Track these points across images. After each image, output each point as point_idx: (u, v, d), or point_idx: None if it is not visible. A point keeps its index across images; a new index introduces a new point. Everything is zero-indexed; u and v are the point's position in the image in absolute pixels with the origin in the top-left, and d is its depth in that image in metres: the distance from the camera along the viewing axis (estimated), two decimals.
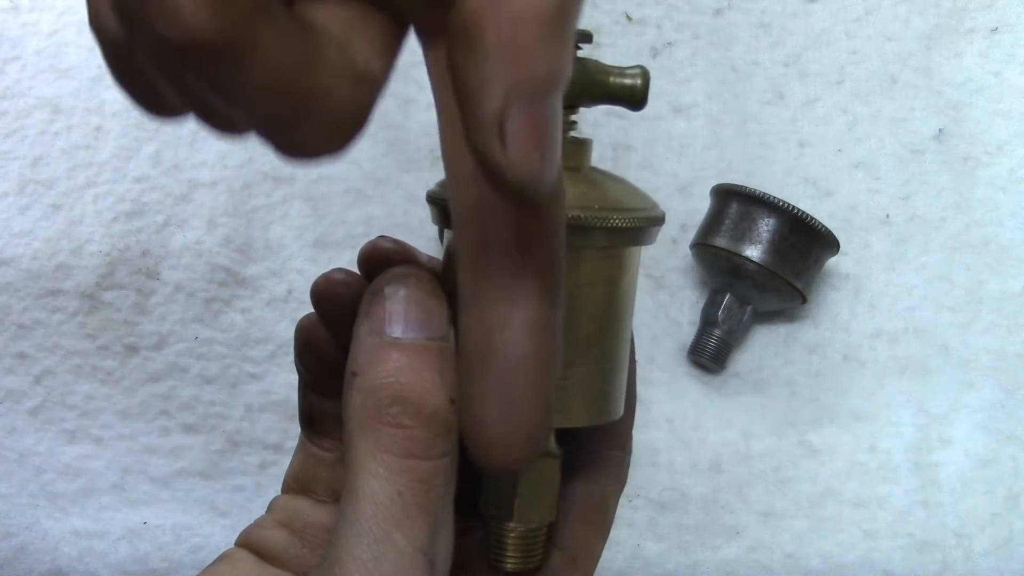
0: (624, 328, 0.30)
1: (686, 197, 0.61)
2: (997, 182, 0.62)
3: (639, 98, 0.29)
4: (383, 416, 0.26)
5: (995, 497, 0.57)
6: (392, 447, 0.26)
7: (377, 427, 0.26)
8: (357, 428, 0.26)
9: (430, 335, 0.27)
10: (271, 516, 0.35)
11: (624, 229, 0.28)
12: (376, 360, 0.26)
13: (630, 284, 0.30)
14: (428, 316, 0.27)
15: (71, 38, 0.63)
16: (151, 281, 0.59)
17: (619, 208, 0.28)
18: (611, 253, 0.29)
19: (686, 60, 0.64)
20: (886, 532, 0.56)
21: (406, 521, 0.25)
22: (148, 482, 0.57)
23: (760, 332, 0.60)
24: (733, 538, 0.57)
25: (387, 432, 0.26)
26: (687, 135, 0.62)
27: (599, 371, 0.29)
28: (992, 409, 0.58)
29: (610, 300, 0.29)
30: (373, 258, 0.31)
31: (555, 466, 0.30)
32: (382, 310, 0.27)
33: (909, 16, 0.65)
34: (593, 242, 0.28)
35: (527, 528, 0.30)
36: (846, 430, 0.58)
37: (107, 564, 0.55)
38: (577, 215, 0.27)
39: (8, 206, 0.59)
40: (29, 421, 0.57)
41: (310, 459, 0.35)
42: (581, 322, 0.29)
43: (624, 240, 0.29)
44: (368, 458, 0.26)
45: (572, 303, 0.28)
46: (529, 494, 0.29)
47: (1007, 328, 0.60)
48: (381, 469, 0.26)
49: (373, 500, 0.25)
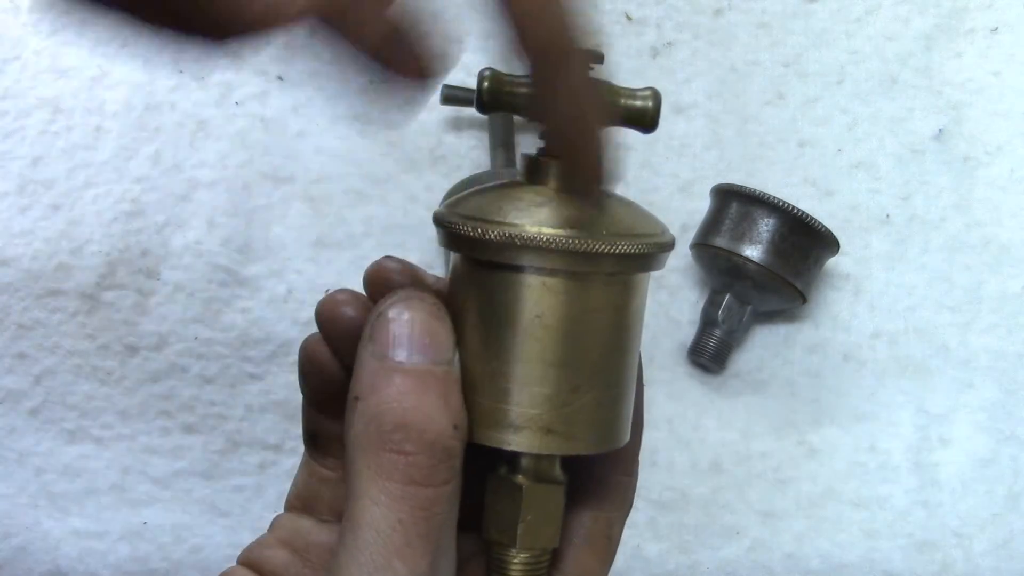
0: (632, 354, 0.30)
1: (686, 197, 0.61)
2: (997, 182, 0.62)
3: (650, 120, 0.29)
4: (385, 442, 0.26)
5: (995, 497, 0.57)
6: (394, 474, 0.26)
7: (379, 453, 0.26)
8: (359, 453, 0.26)
9: (435, 359, 0.27)
10: (273, 535, 0.34)
11: (633, 256, 0.28)
12: (379, 384, 0.26)
13: (638, 309, 0.30)
14: (432, 340, 0.27)
15: (71, 38, 0.63)
16: (151, 281, 0.59)
17: (628, 234, 0.28)
18: (619, 279, 0.29)
19: (686, 60, 0.64)
20: (886, 532, 0.56)
21: (407, 550, 0.25)
22: (148, 482, 0.57)
23: (760, 332, 0.60)
24: (733, 538, 0.57)
25: (389, 458, 0.26)
26: (687, 135, 0.62)
27: (606, 397, 0.29)
28: (992, 409, 0.58)
29: (618, 326, 0.29)
30: (378, 279, 0.31)
31: (559, 492, 0.30)
32: (386, 333, 0.27)
33: (909, 16, 0.65)
34: (602, 268, 0.28)
35: (530, 555, 0.30)
36: (846, 430, 0.58)
37: (107, 564, 0.55)
38: (585, 241, 0.27)
39: (8, 206, 0.59)
40: (29, 421, 0.57)
41: (313, 478, 0.35)
42: (588, 348, 0.28)
43: (633, 266, 0.29)
44: (369, 484, 0.26)
45: (579, 329, 0.28)
46: (533, 521, 0.29)
47: (1007, 328, 0.60)
48: (383, 496, 0.25)
49: (374, 528, 0.25)
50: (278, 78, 0.63)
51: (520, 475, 0.29)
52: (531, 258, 0.27)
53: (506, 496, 0.29)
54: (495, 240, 0.27)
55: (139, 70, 0.62)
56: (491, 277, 0.28)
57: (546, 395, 0.28)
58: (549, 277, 0.27)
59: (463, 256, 0.29)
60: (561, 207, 0.28)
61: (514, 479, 0.29)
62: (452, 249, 0.30)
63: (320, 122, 0.62)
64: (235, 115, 0.62)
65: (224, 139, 0.61)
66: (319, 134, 0.62)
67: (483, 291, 0.28)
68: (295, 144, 0.62)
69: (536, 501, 0.29)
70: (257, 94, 0.63)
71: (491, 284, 0.28)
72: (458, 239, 0.28)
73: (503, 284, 0.28)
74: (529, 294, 0.28)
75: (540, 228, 0.27)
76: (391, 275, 0.31)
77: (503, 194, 0.29)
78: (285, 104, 0.62)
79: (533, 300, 0.28)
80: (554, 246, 0.27)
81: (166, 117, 0.62)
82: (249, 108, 0.62)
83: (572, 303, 0.28)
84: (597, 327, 0.28)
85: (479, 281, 0.29)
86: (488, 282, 0.28)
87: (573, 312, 0.28)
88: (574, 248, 0.27)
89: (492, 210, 0.28)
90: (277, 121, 0.62)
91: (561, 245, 0.27)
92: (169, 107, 0.62)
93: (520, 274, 0.28)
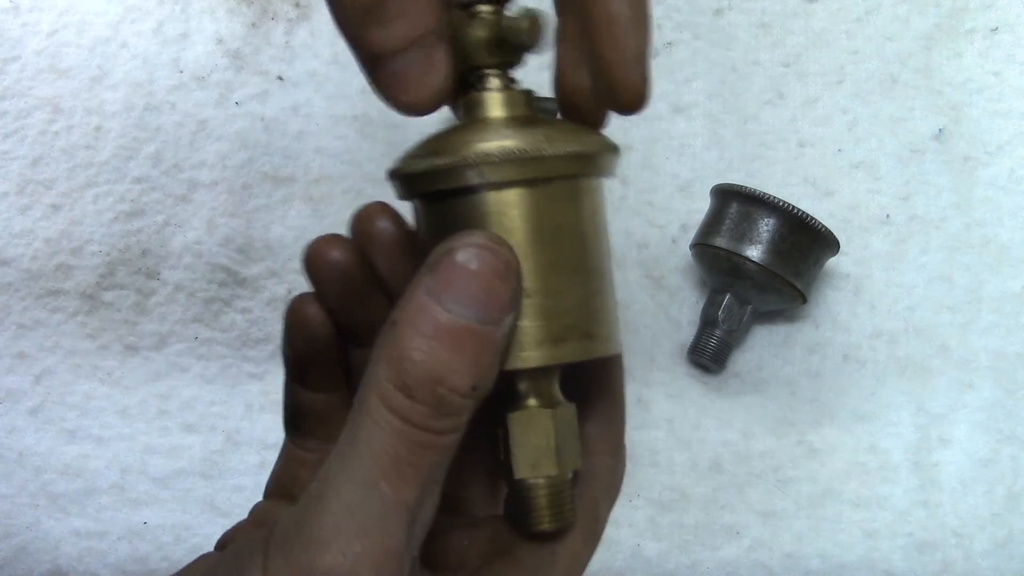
0: (606, 255, 0.31)
1: (686, 197, 0.61)
2: (997, 182, 0.62)
3: (532, 42, 0.30)
4: (402, 380, 0.26)
5: (995, 497, 0.57)
6: (399, 409, 0.26)
7: (394, 388, 0.26)
8: (375, 378, 0.26)
9: (482, 318, 0.27)
10: (249, 519, 0.35)
11: (582, 155, 0.29)
12: (419, 324, 0.26)
13: (602, 216, 0.31)
14: (488, 297, 0.27)
15: (71, 38, 0.63)
16: (151, 281, 0.59)
17: (575, 141, 0.29)
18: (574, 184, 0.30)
19: (686, 60, 0.64)
20: (886, 532, 0.56)
21: (396, 475, 0.26)
22: (148, 482, 0.57)
23: (760, 332, 0.60)
24: (733, 538, 0.57)
25: (400, 397, 0.26)
26: (687, 135, 0.62)
27: (609, 298, 0.30)
28: (992, 409, 0.58)
29: (595, 231, 0.30)
30: (365, 222, 0.33)
31: (572, 410, 0.31)
32: (447, 274, 0.27)
33: (909, 16, 0.65)
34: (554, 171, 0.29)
35: (561, 478, 0.30)
36: (846, 430, 0.58)
37: (107, 564, 0.55)
38: (538, 149, 0.28)
39: (8, 206, 0.59)
40: (29, 421, 0.57)
41: (292, 462, 0.35)
42: (589, 251, 0.29)
43: (584, 167, 0.30)
44: (377, 410, 0.26)
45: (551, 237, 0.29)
46: (563, 443, 0.30)
47: (1007, 328, 0.60)
48: (385, 424, 0.26)
49: (369, 446, 0.26)
50: (278, 78, 0.63)
51: (537, 402, 0.30)
52: (487, 174, 0.28)
53: (536, 426, 0.30)
54: (448, 164, 0.28)
55: (139, 70, 0.62)
56: (454, 207, 0.29)
57: (575, 301, 0.29)
58: (511, 189, 0.28)
59: (424, 199, 0.30)
60: (504, 129, 0.29)
61: (538, 408, 0.30)
62: (411, 195, 0.30)
63: (320, 122, 0.62)
64: (235, 115, 0.62)
65: (224, 139, 0.61)
66: (319, 134, 0.62)
67: (451, 225, 0.29)
68: (295, 144, 0.62)
69: (562, 423, 0.30)
70: (257, 94, 0.63)
71: (455, 214, 0.29)
72: (414, 179, 0.29)
73: (468, 209, 0.29)
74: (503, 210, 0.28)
75: (488, 144, 0.28)
76: (377, 219, 0.33)
77: (446, 133, 0.30)
78: (285, 104, 0.62)
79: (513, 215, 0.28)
80: (508, 157, 0.28)
81: (166, 117, 0.62)
82: (249, 108, 0.62)
83: (543, 212, 0.29)
84: (568, 232, 0.29)
85: (442, 217, 0.29)
86: (451, 213, 0.29)
87: (544, 222, 0.29)
88: (524, 155, 0.28)
89: (440, 146, 0.29)
90: (277, 121, 0.62)
91: (513, 155, 0.28)
92: (169, 107, 0.62)
93: (479, 194, 0.28)
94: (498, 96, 0.30)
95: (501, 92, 0.30)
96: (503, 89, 0.30)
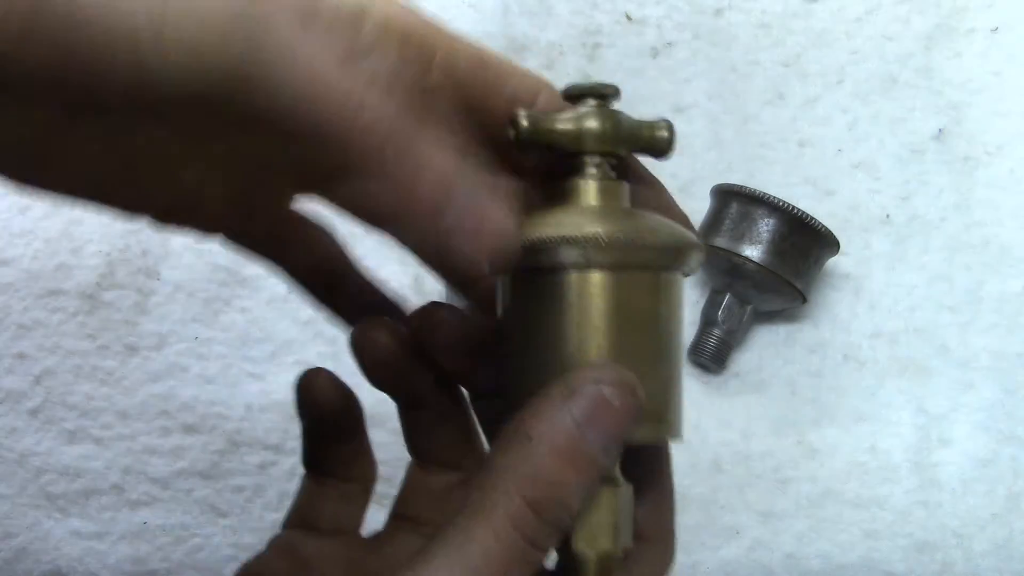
0: (678, 345, 0.32)
1: (686, 197, 0.61)
2: (997, 182, 0.62)
3: (666, 149, 0.33)
4: (535, 498, 0.27)
5: (995, 497, 0.57)
6: (525, 527, 0.27)
7: (524, 504, 0.27)
8: (502, 487, 0.27)
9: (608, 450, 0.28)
10: (271, 551, 0.34)
11: (670, 247, 0.30)
12: (563, 450, 0.27)
13: (681, 306, 0.32)
14: (620, 435, 0.28)
15: None
16: (151, 281, 0.59)
17: (655, 232, 0.30)
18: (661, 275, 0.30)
19: (686, 60, 0.64)
20: (886, 532, 0.56)
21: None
22: (148, 482, 0.57)
23: (760, 332, 0.60)
24: (733, 538, 0.57)
25: (530, 516, 0.27)
26: (687, 135, 0.62)
27: (678, 386, 0.31)
28: (992, 409, 0.58)
29: (674, 320, 0.31)
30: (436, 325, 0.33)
31: (631, 492, 0.31)
32: (595, 408, 0.27)
33: (909, 16, 0.65)
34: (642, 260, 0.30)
35: (615, 555, 0.31)
36: (846, 430, 0.58)
37: (107, 565, 0.55)
38: (618, 238, 0.29)
39: (8, 206, 0.59)
40: (29, 421, 0.57)
41: (313, 496, 0.35)
42: (664, 338, 0.30)
43: (669, 260, 0.30)
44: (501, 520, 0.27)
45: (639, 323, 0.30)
46: (621, 521, 0.31)
47: (1007, 328, 0.60)
48: (505, 536, 0.26)
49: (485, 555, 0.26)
50: None
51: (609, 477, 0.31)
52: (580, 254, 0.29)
53: (601, 503, 0.30)
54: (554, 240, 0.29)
55: None
56: (547, 286, 0.30)
57: (653, 387, 0.30)
58: (610, 272, 0.29)
59: (516, 275, 0.31)
60: (608, 215, 0.30)
61: (604, 485, 0.30)
62: None
63: None
64: None
65: None
66: None
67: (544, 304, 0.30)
68: None
69: (624, 502, 0.31)
70: None
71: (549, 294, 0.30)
72: None
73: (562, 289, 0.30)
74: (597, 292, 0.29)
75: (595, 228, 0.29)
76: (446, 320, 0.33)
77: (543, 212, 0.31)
78: None
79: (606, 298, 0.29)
80: (615, 243, 0.29)
81: None
82: None
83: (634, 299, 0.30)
84: (663, 320, 0.30)
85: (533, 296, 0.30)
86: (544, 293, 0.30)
87: (623, 311, 0.30)
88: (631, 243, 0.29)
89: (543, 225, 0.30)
90: None
91: (619, 241, 0.29)
92: None
93: (578, 274, 0.29)
94: (597, 185, 0.31)
95: (600, 181, 0.31)
96: (602, 179, 0.31)
